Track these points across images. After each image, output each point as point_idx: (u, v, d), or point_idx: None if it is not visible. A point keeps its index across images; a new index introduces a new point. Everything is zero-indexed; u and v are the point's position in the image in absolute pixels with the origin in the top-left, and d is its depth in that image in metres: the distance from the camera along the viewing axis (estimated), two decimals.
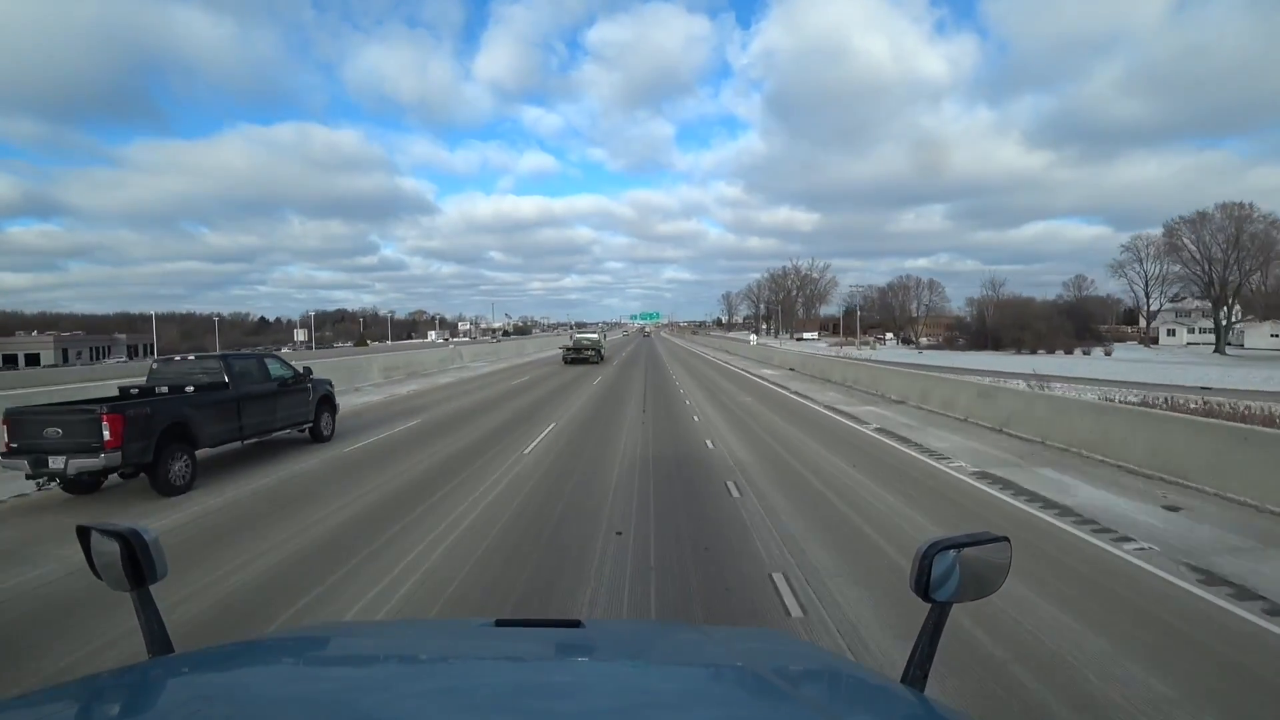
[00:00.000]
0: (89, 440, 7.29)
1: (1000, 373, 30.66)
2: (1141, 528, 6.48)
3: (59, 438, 7.39)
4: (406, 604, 4.69)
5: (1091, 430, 10.10)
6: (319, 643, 1.40)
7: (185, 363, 10.25)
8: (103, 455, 7.28)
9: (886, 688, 1.13)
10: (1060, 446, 10.42)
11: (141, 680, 1.03)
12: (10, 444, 7.53)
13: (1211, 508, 7.20)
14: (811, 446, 11.15)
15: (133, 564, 1.14)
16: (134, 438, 7.51)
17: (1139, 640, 4.13)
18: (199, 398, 9.01)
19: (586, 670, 1.17)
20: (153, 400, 8.49)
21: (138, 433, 7.57)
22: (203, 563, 5.50)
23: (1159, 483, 8.24)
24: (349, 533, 6.40)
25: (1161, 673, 3.73)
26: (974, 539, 1.18)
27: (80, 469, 7.35)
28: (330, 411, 12.19)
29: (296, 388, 11.18)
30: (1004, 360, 49.46)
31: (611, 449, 10.73)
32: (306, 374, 11.61)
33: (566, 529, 6.49)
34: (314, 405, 11.55)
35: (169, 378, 9.80)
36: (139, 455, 7.59)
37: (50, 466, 7.35)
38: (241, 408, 9.61)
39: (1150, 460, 8.74)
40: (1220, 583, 5.05)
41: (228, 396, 9.44)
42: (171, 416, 8.16)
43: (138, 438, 7.56)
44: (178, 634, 1.24)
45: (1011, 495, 7.86)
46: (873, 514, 7.05)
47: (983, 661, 3.85)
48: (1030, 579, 5.03)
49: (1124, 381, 29.22)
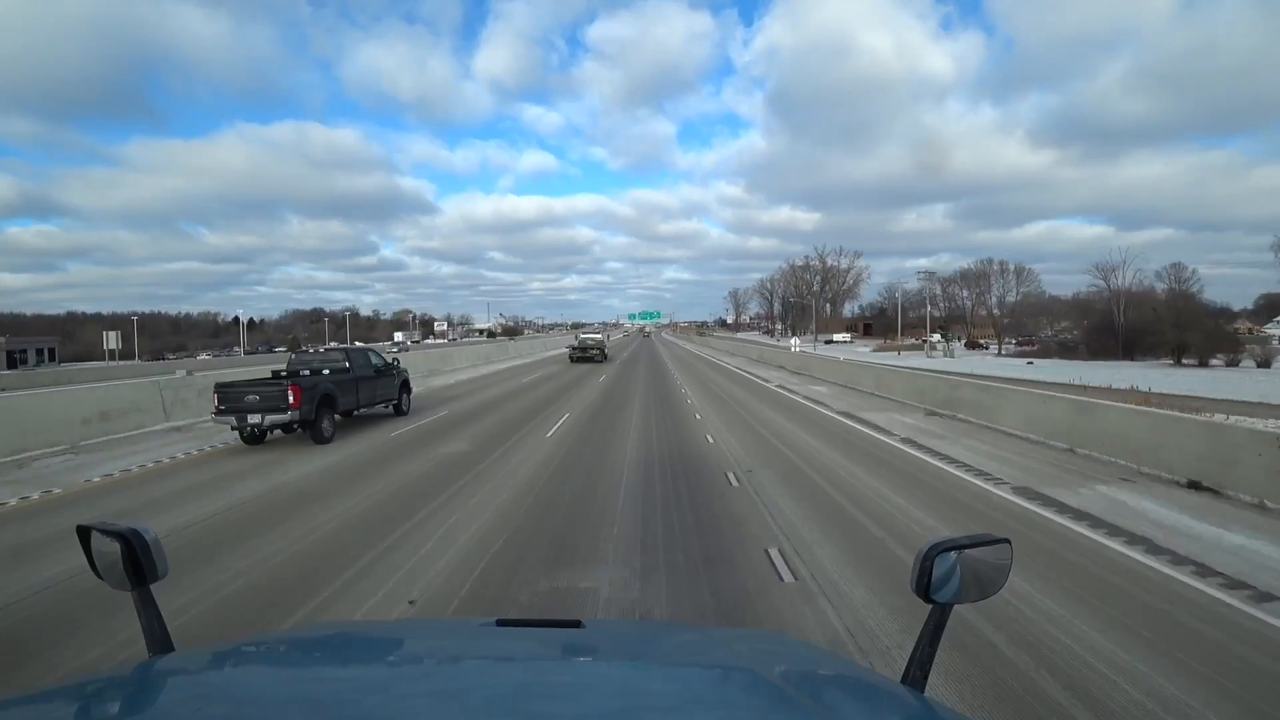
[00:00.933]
0: (278, 403, 10.87)
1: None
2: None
3: (256, 402, 10.97)
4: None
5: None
6: (320, 642, 1.41)
7: (315, 354, 13.95)
8: (288, 413, 10.85)
9: (887, 689, 1.14)
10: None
11: (142, 680, 1.04)
12: (220, 407, 11.10)
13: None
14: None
15: (133, 564, 1.16)
16: (305, 402, 11.08)
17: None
18: (334, 377, 12.63)
19: (587, 671, 1.18)
20: (312, 378, 12.13)
21: (307, 399, 11.15)
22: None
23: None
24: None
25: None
26: (975, 540, 1.19)
27: (272, 423, 10.94)
28: (408, 392, 15.76)
29: (388, 373, 14.76)
30: (1192, 378, 34.83)
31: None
32: (395, 363, 15.20)
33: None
34: (399, 387, 15.14)
35: (304, 364, 13.46)
36: (307, 414, 11.15)
37: (249, 421, 10.93)
38: (358, 386, 13.21)
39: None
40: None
41: (349, 377, 13.06)
42: (323, 389, 11.76)
43: (307, 402, 11.13)
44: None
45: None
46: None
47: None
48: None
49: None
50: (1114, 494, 7.72)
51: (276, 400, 10.88)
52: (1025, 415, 11.90)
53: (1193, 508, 7.13)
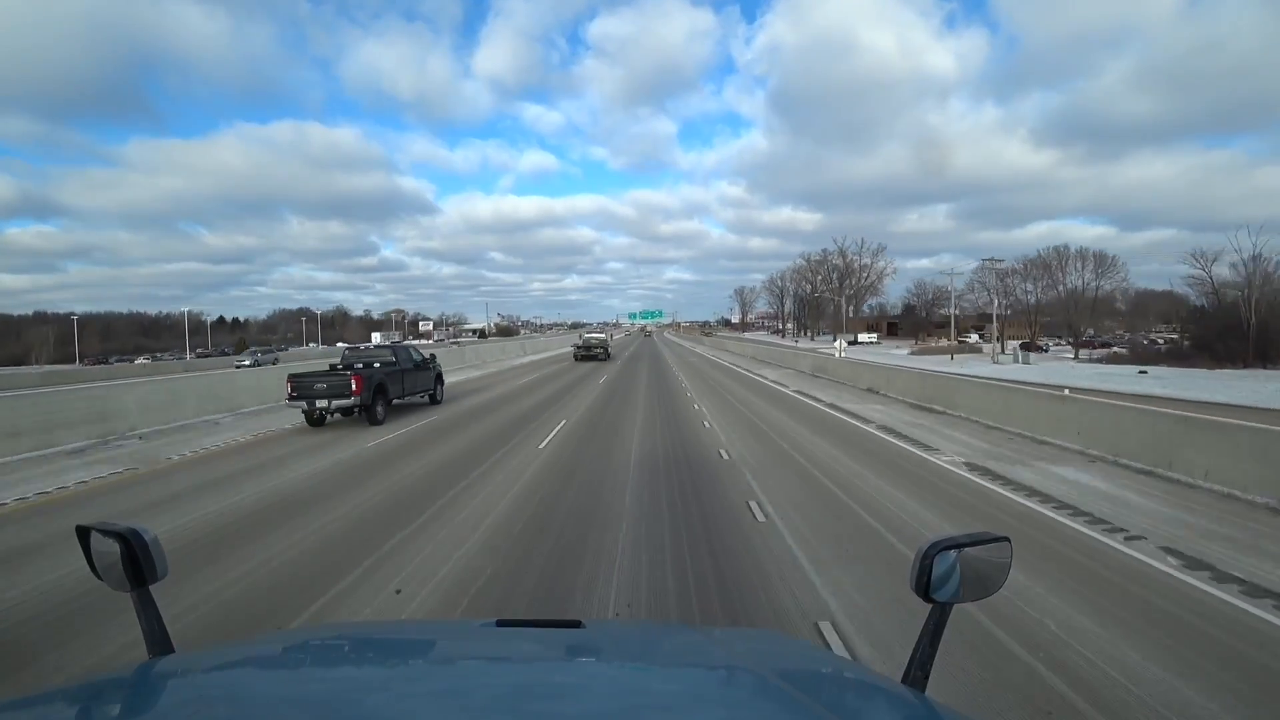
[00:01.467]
0: (343, 390, 13.04)
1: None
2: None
3: (323, 390, 13.13)
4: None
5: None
6: (319, 643, 1.41)
7: (365, 351, 16.24)
8: (351, 398, 13.01)
9: (887, 688, 1.13)
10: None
11: (141, 681, 1.04)
12: (292, 394, 13.28)
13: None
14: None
15: (133, 564, 1.15)
16: (365, 390, 13.23)
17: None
18: (385, 369, 14.80)
19: (587, 671, 1.18)
20: (368, 370, 14.37)
21: (366, 387, 13.29)
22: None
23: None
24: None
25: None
26: (975, 539, 1.19)
27: (338, 407, 13.12)
28: (441, 384, 17.91)
29: (425, 367, 16.92)
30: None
31: None
32: (432, 358, 17.38)
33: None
34: (434, 379, 17.28)
35: (356, 358, 15.67)
36: (366, 399, 13.29)
37: (318, 406, 13.09)
38: (403, 377, 15.35)
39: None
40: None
41: (397, 369, 15.22)
42: (378, 379, 13.92)
43: (366, 390, 13.27)
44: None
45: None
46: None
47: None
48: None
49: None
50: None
51: (342, 388, 13.04)
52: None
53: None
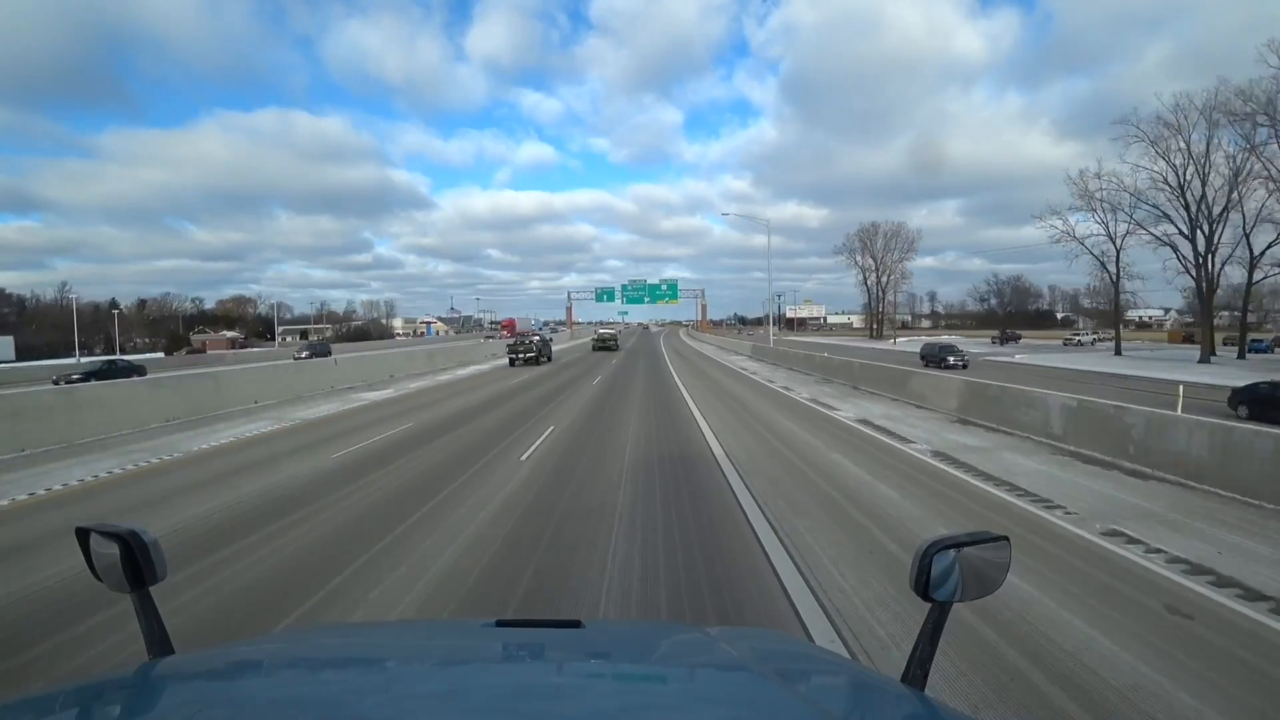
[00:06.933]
0: (531, 346, 32.44)
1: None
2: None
3: (521, 346, 32.53)
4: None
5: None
6: (319, 644, 1.42)
7: (530, 333, 37.65)
8: (535, 352, 32.28)
9: (887, 688, 1.14)
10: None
11: (142, 682, 1.04)
12: (510, 351, 32.77)
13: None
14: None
15: (132, 565, 1.16)
16: (539, 349, 32.70)
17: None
18: (539, 341, 34.11)
19: (587, 671, 1.19)
20: (539, 340, 34.07)
21: (538, 348, 32.70)
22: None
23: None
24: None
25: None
26: (974, 538, 1.19)
27: (526, 357, 32.19)
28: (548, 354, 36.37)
29: (544, 341, 35.68)
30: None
31: None
32: (545, 339, 36.45)
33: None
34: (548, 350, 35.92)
35: (527, 335, 35.81)
36: (541, 352, 32.61)
37: (520, 354, 32.28)
38: (542, 346, 34.13)
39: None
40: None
41: (540, 341, 34.32)
42: (539, 344, 33.32)
43: (538, 349, 32.68)
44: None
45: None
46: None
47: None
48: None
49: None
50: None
51: (528, 349, 32.04)
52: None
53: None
